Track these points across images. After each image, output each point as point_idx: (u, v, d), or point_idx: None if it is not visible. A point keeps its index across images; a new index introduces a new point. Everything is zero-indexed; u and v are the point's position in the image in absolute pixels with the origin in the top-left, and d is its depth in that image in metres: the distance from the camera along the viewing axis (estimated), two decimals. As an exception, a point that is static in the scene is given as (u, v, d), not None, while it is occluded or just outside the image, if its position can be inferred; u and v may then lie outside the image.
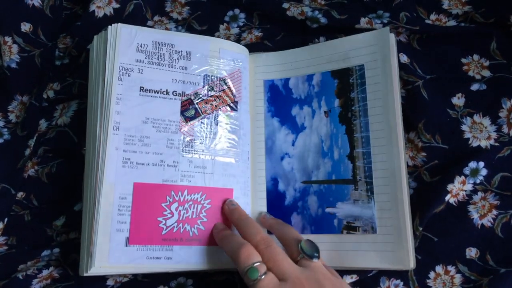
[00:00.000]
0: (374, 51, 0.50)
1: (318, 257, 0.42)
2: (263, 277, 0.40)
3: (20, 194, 0.53)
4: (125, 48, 0.48)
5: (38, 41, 0.57)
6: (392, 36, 0.50)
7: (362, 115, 0.49)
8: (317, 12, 0.55)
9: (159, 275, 0.48)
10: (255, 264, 0.41)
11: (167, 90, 0.49)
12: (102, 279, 0.48)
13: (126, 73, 0.48)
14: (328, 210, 0.49)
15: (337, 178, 0.49)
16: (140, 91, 0.48)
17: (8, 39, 0.55)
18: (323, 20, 0.55)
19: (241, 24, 0.59)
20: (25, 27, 0.56)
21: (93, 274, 0.44)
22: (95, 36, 0.50)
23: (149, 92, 0.48)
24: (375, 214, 0.46)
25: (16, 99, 0.56)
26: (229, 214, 0.47)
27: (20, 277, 0.48)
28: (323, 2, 0.58)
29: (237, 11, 0.59)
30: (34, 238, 0.51)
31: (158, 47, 0.49)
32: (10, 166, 0.54)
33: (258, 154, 0.52)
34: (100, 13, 0.56)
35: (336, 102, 0.50)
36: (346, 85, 0.50)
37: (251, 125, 0.52)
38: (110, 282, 0.48)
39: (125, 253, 0.44)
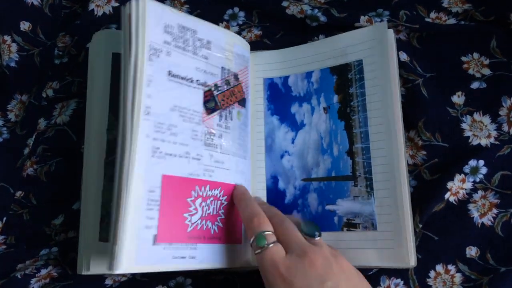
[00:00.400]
0: (372, 46, 0.49)
1: (320, 235, 0.42)
2: (270, 245, 0.40)
3: (19, 193, 0.53)
4: (153, 26, 0.43)
5: (37, 40, 0.57)
6: (390, 32, 0.50)
7: (361, 110, 0.48)
8: (316, 10, 0.55)
9: (158, 274, 0.48)
10: (265, 233, 0.41)
11: (192, 78, 0.45)
12: (101, 278, 0.48)
13: (155, 53, 0.43)
14: (328, 207, 0.48)
15: (337, 175, 0.49)
16: (168, 75, 0.44)
17: (7, 38, 0.55)
18: (322, 19, 0.54)
19: (240, 22, 0.58)
20: (24, 26, 0.56)
21: (92, 274, 0.44)
22: (94, 34, 0.50)
23: (177, 77, 0.44)
24: (375, 211, 0.46)
25: (15, 98, 0.56)
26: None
27: (19, 276, 0.47)
28: (322, 1, 0.58)
29: (236, 9, 0.59)
30: (33, 237, 0.51)
31: (183, 31, 0.45)
32: (9, 165, 0.54)
33: (257, 152, 0.52)
34: (99, 12, 0.56)
35: (335, 98, 0.50)
36: (344, 80, 0.50)
37: (252, 123, 0.52)
38: (108, 282, 0.48)
39: (152, 253, 0.40)
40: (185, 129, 0.44)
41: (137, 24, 0.42)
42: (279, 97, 0.53)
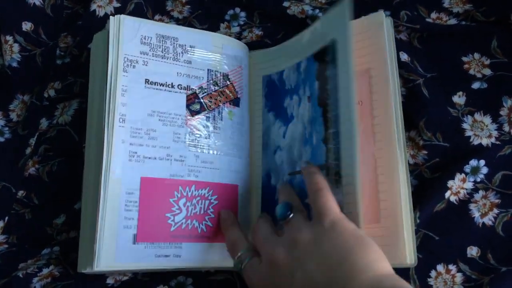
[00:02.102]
0: (344, 24, 0.45)
1: (291, 213, 0.42)
2: (245, 264, 0.41)
3: (20, 193, 0.53)
4: (129, 39, 0.47)
5: (39, 40, 0.57)
6: (378, 15, 0.49)
7: (333, 93, 0.46)
8: (317, 10, 0.55)
9: (159, 274, 0.48)
10: (238, 255, 0.42)
11: (172, 83, 0.48)
12: (102, 277, 0.48)
13: (131, 65, 0.47)
14: (306, 200, 0.44)
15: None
16: (145, 83, 0.47)
17: (9, 38, 0.55)
18: (323, 19, 0.54)
19: (241, 22, 0.59)
20: (26, 26, 0.56)
21: (93, 272, 0.44)
22: (95, 35, 0.51)
23: (155, 84, 0.47)
24: (343, 200, 0.42)
25: (17, 98, 0.56)
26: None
27: (21, 276, 0.48)
28: (323, 1, 0.58)
29: (237, 10, 0.59)
30: (35, 236, 0.51)
31: (162, 40, 0.49)
32: (11, 165, 0.54)
33: (256, 151, 0.52)
34: (101, 12, 0.56)
35: (316, 85, 0.48)
36: (323, 64, 0.47)
37: (251, 122, 0.52)
38: (110, 281, 0.48)
39: (133, 251, 0.43)
40: (165, 132, 0.47)
41: (113, 39, 0.46)
42: (275, 93, 0.52)
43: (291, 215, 0.42)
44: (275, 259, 0.39)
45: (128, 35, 0.47)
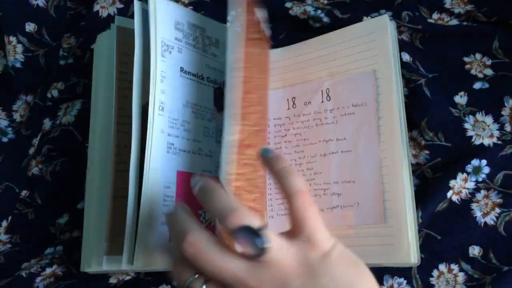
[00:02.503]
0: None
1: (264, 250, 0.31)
2: None
3: (24, 193, 0.53)
4: (165, 23, 0.43)
5: (42, 41, 0.57)
6: (384, 18, 0.50)
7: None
8: (319, 11, 0.55)
9: (162, 273, 0.48)
10: (188, 284, 0.32)
11: (202, 75, 0.46)
12: (105, 277, 0.49)
13: (167, 50, 0.43)
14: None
15: None
16: (180, 71, 0.44)
17: (12, 39, 0.56)
18: (325, 19, 0.55)
19: (244, 23, 0.59)
20: (30, 27, 0.57)
21: (96, 272, 0.44)
22: (98, 36, 0.51)
23: (188, 74, 0.44)
24: None
25: (20, 98, 0.57)
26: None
27: (24, 275, 0.48)
28: (325, 2, 0.58)
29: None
30: (38, 236, 0.51)
31: (193, 29, 0.45)
32: (14, 165, 0.54)
33: None
34: (104, 13, 0.57)
35: None
36: None
37: None
38: (112, 280, 0.49)
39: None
40: (198, 126, 0.44)
41: (153, 21, 0.42)
42: None
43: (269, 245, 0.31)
44: None
45: (164, 18, 0.43)
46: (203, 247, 0.31)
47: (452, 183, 0.47)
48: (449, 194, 0.47)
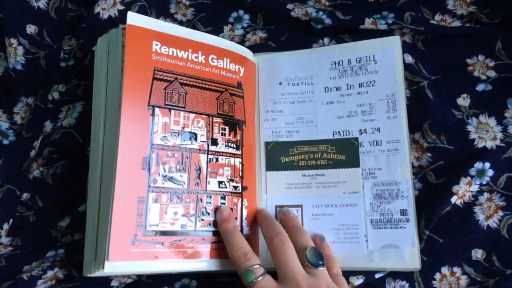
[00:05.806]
0: None
1: (323, 265, 0.42)
2: (259, 279, 0.41)
3: (25, 195, 0.53)
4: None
5: (43, 43, 0.57)
6: (396, 39, 0.50)
7: None
8: (321, 13, 0.55)
9: (163, 276, 0.48)
10: (252, 267, 0.42)
11: None
12: (107, 280, 0.48)
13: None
14: None
15: None
16: None
17: (13, 41, 0.56)
18: (327, 21, 0.54)
19: (245, 25, 0.59)
20: (31, 29, 0.56)
21: (98, 275, 0.44)
22: (99, 38, 0.51)
23: None
24: None
25: (21, 100, 0.57)
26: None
27: (25, 278, 0.48)
28: (327, 3, 0.58)
29: (241, 12, 0.59)
30: (39, 239, 0.51)
31: None
32: (15, 168, 0.54)
33: None
34: (104, 15, 0.56)
35: None
36: None
37: None
38: (114, 283, 0.48)
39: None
40: None
41: None
42: None
43: (321, 267, 0.42)
44: None
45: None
46: (287, 244, 0.43)
47: (455, 188, 0.47)
48: (453, 199, 0.47)
